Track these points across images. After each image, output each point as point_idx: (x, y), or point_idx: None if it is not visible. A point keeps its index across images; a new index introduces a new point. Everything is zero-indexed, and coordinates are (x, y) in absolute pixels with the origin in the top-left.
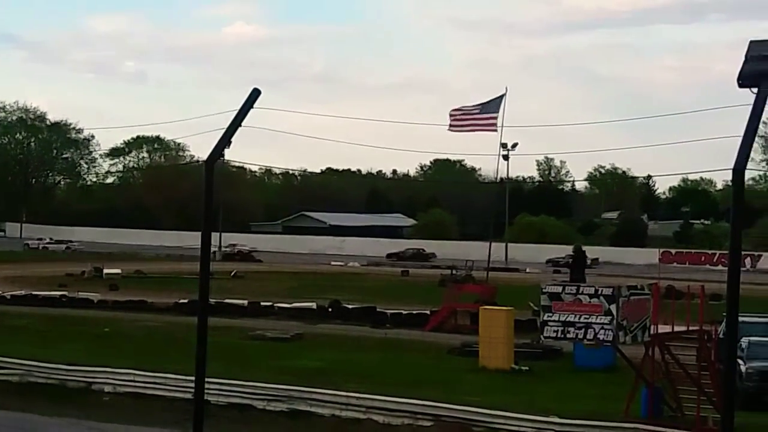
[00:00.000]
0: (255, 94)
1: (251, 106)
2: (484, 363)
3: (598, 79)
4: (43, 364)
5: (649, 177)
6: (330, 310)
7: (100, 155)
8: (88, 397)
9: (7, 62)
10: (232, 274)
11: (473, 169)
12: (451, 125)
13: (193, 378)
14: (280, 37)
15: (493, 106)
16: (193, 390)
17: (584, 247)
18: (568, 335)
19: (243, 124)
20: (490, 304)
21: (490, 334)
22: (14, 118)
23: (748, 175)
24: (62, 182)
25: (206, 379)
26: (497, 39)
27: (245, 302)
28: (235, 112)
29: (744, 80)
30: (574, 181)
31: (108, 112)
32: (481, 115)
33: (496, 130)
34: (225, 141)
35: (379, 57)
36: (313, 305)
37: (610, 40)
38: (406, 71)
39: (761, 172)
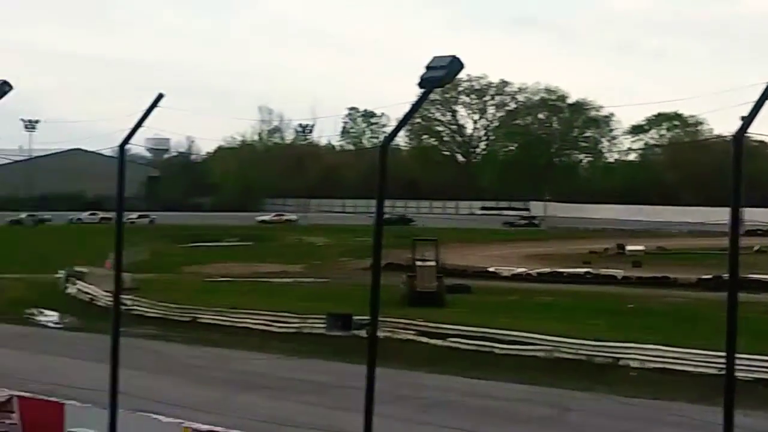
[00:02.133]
0: None
1: None
2: None
3: None
4: (570, 340)
5: None
6: None
7: (621, 133)
8: (615, 372)
9: (529, 45)
10: (756, 248)
11: None
12: None
13: (720, 353)
14: None
15: None
16: (720, 365)
17: None
18: None
19: None
20: None
21: None
22: (536, 98)
23: None
24: (584, 160)
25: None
26: None
27: None
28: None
29: None
30: None
31: (629, 90)
32: None
33: None
34: (752, 116)
35: None
36: None
37: None
38: None
39: None
